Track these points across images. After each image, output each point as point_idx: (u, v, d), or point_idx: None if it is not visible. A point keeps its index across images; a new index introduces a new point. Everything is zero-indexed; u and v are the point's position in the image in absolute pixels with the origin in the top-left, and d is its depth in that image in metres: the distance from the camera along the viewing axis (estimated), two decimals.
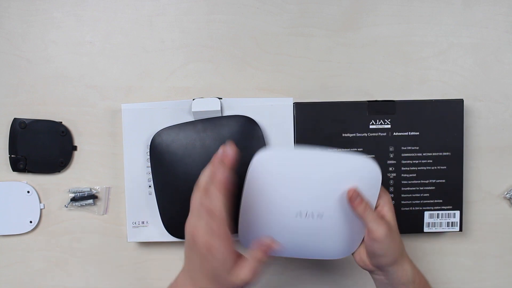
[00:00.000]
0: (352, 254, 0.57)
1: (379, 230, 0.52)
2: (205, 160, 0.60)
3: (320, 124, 0.63)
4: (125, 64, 0.65)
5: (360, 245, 0.56)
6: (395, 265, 0.53)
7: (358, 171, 0.52)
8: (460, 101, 0.63)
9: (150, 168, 0.62)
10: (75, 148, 0.65)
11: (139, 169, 0.63)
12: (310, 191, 0.53)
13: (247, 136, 0.61)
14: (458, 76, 0.66)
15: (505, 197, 0.67)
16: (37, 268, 0.66)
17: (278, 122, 0.63)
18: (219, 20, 0.65)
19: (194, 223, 0.48)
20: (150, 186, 0.63)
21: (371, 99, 0.64)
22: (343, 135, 0.63)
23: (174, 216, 0.62)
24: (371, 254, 0.54)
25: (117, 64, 0.65)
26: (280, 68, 0.66)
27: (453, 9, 0.66)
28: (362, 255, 0.55)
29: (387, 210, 0.54)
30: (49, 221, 0.66)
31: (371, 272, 0.56)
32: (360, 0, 0.66)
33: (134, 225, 0.63)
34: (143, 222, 0.63)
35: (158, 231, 0.63)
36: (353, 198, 0.52)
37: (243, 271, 0.48)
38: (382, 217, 0.53)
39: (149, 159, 0.62)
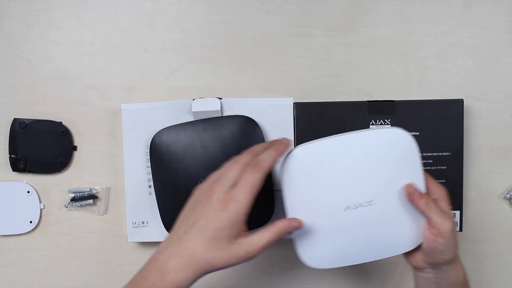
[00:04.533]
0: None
1: (445, 224, 0.49)
2: (205, 160, 0.60)
3: (320, 124, 0.63)
4: (125, 64, 0.65)
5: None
6: (451, 264, 0.51)
7: (390, 144, 0.50)
8: (460, 101, 0.63)
9: (150, 168, 0.62)
10: (75, 148, 0.65)
11: (139, 169, 0.63)
12: (352, 179, 0.50)
13: (247, 136, 0.61)
14: (458, 76, 0.66)
15: (505, 197, 0.67)
16: (37, 268, 0.66)
17: (278, 122, 0.62)
18: (219, 20, 0.65)
19: (213, 185, 0.47)
20: (150, 186, 0.63)
21: (371, 99, 0.64)
22: None
23: (175, 216, 0.62)
24: (430, 251, 0.50)
25: (117, 64, 0.65)
26: (280, 68, 0.66)
27: (453, 9, 0.66)
28: (413, 250, 0.52)
29: (445, 206, 0.51)
30: (49, 221, 0.66)
31: (419, 269, 0.53)
32: (360, 0, 0.66)
33: (134, 225, 0.63)
34: (143, 222, 0.63)
35: (158, 231, 0.63)
36: (412, 194, 0.50)
37: (254, 238, 0.47)
38: (444, 211, 0.50)
39: (149, 159, 0.62)
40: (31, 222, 0.65)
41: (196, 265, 0.45)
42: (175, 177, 0.61)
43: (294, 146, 0.62)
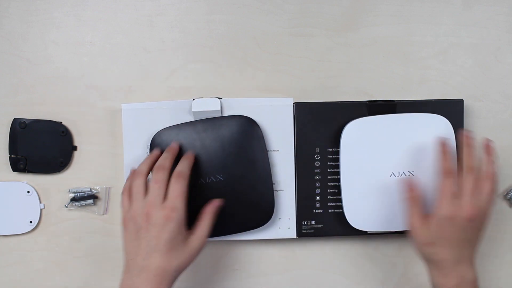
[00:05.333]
0: None
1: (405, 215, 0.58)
2: (205, 160, 0.60)
3: (320, 124, 0.63)
4: (125, 64, 0.65)
5: None
6: (427, 261, 0.56)
7: (432, 127, 0.61)
8: (460, 101, 0.63)
9: None
10: (75, 148, 0.65)
11: None
12: (398, 151, 0.60)
13: (247, 136, 0.61)
14: (458, 76, 0.66)
15: (505, 197, 0.67)
16: (37, 268, 0.66)
17: (278, 122, 0.62)
18: (219, 20, 0.65)
19: (146, 210, 0.53)
20: None
21: (371, 99, 0.64)
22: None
23: None
24: None
25: (117, 64, 0.65)
26: (280, 68, 0.66)
27: (453, 9, 0.66)
28: None
29: (435, 219, 0.55)
30: (49, 221, 0.66)
31: None
32: (360, 0, 0.66)
33: None
34: None
35: None
36: (405, 182, 0.58)
37: (199, 231, 0.55)
38: (413, 209, 0.56)
39: None
40: (31, 222, 0.65)
41: (167, 278, 0.52)
42: None
43: (294, 147, 0.62)
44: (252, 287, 0.67)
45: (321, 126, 0.63)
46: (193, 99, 0.62)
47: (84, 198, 0.65)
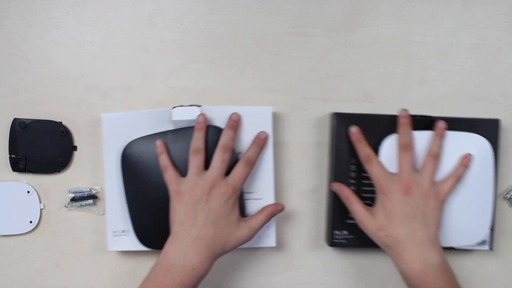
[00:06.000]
0: None
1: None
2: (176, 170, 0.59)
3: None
4: (125, 64, 0.65)
5: None
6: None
7: (471, 147, 0.61)
8: (496, 121, 0.63)
9: None
10: (75, 148, 0.65)
11: (119, 178, 0.62)
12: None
13: (217, 145, 0.59)
14: (458, 76, 0.66)
15: (505, 197, 0.67)
16: (37, 268, 0.66)
17: (256, 131, 0.61)
18: (219, 20, 0.65)
19: (210, 184, 0.55)
20: None
21: (413, 114, 0.61)
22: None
23: (146, 226, 0.61)
24: None
25: (117, 64, 0.65)
26: (280, 68, 0.66)
27: (453, 9, 0.66)
28: None
29: (377, 201, 0.58)
30: (49, 221, 0.66)
31: None
32: (360, 0, 0.66)
33: (115, 233, 0.63)
34: (123, 231, 0.63)
35: (138, 240, 0.63)
36: (333, 187, 0.61)
37: (253, 222, 0.57)
38: (354, 203, 0.59)
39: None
40: (31, 222, 0.65)
41: (214, 254, 0.55)
42: (146, 188, 0.61)
43: (273, 155, 0.61)
44: (252, 287, 0.67)
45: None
46: (173, 107, 0.61)
47: (84, 198, 0.65)
